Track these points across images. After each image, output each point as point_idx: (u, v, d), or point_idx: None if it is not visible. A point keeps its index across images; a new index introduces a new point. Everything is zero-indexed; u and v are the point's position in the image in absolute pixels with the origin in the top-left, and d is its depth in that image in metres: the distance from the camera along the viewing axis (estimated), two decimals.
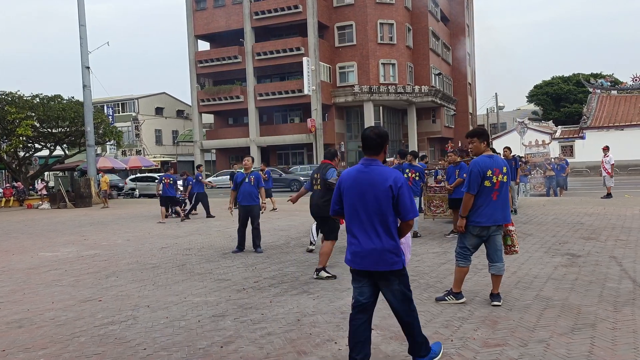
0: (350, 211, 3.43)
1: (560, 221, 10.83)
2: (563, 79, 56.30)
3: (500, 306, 4.90)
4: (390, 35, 39.84)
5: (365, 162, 3.44)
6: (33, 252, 9.71)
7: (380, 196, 3.31)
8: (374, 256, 3.33)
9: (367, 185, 3.35)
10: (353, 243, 3.42)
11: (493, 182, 4.80)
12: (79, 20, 24.48)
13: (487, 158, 4.87)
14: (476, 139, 4.94)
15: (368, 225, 3.35)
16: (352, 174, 3.46)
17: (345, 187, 3.46)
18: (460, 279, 5.05)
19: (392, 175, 3.35)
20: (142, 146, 48.37)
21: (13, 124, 25.00)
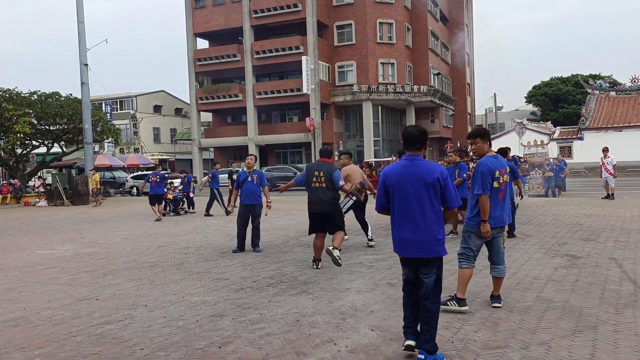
0: (399, 204, 3.71)
1: (560, 222, 10.81)
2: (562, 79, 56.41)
3: (500, 308, 4.87)
4: (389, 35, 39.80)
5: (409, 157, 3.76)
6: (30, 250, 9.65)
7: (428, 188, 3.64)
8: (423, 244, 3.65)
9: (415, 178, 3.66)
10: (403, 233, 3.71)
11: (500, 183, 4.78)
12: (78, 18, 24.37)
13: (492, 158, 4.83)
14: (479, 140, 4.86)
15: (417, 216, 3.66)
16: (398, 169, 3.76)
17: (393, 182, 3.74)
18: (464, 282, 4.83)
19: (438, 168, 3.71)
20: (140, 144, 48.27)
21: (10, 120, 24.88)
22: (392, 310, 4.94)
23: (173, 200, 16.20)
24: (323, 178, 6.80)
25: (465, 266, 4.84)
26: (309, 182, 6.90)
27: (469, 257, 4.84)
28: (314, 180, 6.84)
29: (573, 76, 55.30)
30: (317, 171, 6.86)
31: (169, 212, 16.04)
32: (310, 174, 6.92)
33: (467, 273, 4.82)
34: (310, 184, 6.89)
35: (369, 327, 4.49)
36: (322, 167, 6.88)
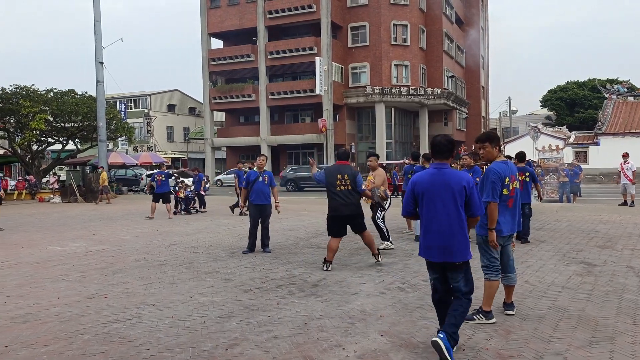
0: (427, 210, 3.89)
1: (574, 228, 10.62)
2: (578, 84, 55.69)
3: (513, 315, 4.75)
4: (403, 37, 39.62)
5: (437, 166, 3.93)
6: (42, 246, 9.71)
7: (455, 196, 3.81)
8: (450, 249, 3.80)
9: (443, 186, 3.83)
10: (430, 238, 3.88)
11: (510, 190, 4.63)
12: (94, 16, 24.60)
13: (502, 164, 4.63)
14: (488, 144, 4.62)
15: (444, 222, 3.82)
16: (427, 177, 3.93)
17: (422, 189, 3.91)
18: (491, 295, 4.61)
19: (465, 177, 3.88)
20: (153, 142, 48.61)
21: (27, 117, 25.20)
22: (402, 316, 4.85)
23: (185, 199, 16.24)
24: (348, 181, 6.78)
25: (493, 278, 4.59)
26: (332, 185, 6.81)
27: (496, 268, 4.60)
28: (338, 183, 6.77)
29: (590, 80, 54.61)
30: (340, 174, 6.80)
31: (180, 210, 16.08)
32: (333, 177, 6.82)
33: (495, 285, 4.60)
34: (333, 187, 6.80)
35: (378, 332, 4.41)
36: (345, 170, 6.86)
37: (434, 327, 4.50)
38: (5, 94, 26.05)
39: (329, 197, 6.89)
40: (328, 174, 6.92)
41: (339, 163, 7.02)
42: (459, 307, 3.84)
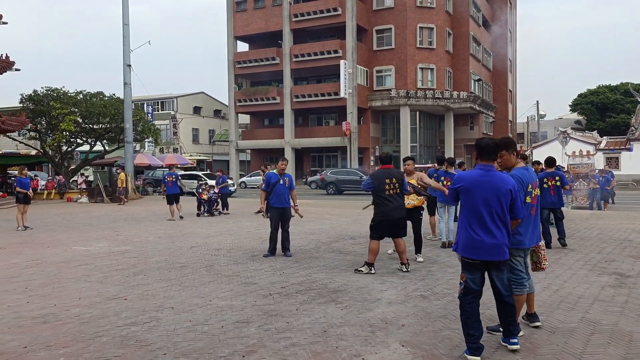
0: (472, 210, 3.95)
1: (606, 237, 10.24)
2: (610, 87, 54.27)
3: (540, 327, 4.54)
4: (429, 40, 39.23)
5: (484, 167, 4.01)
6: (67, 246, 9.84)
7: (501, 198, 3.90)
8: (494, 249, 3.90)
9: (490, 188, 3.92)
10: (475, 238, 3.93)
11: (532, 197, 4.42)
12: (123, 19, 25.02)
13: (524, 171, 4.41)
14: (505, 152, 4.31)
15: (489, 223, 3.90)
16: (475, 176, 4.00)
17: (466, 187, 3.99)
18: (518, 309, 4.36)
19: (510, 181, 4.00)
20: (179, 144, 49.20)
21: (57, 119, 25.78)
22: (424, 325, 4.70)
23: (207, 200, 16.31)
24: (397, 184, 6.93)
25: (518, 292, 4.35)
26: (381, 190, 6.89)
27: (521, 281, 4.36)
28: (387, 188, 6.89)
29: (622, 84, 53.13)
30: (389, 179, 6.92)
31: (204, 212, 16.16)
32: (382, 182, 6.92)
33: (520, 299, 4.38)
34: (382, 192, 6.89)
35: (399, 342, 4.27)
36: (393, 174, 7.02)
37: (457, 337, 4.35)
38: (37, 96, 26.71)
39: (378, 202, 6.98)
40: (376, 179, 7.00)
41: (384, 167, 7.13)
42: (512, 311, 4.03)
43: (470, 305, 3.96)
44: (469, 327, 3.92)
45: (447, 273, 6.98)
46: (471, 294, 3.97)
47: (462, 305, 3.98)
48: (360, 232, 11.33)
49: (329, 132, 39.18)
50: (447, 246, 9.02)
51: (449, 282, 6.41)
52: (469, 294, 3.97)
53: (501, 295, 4.01)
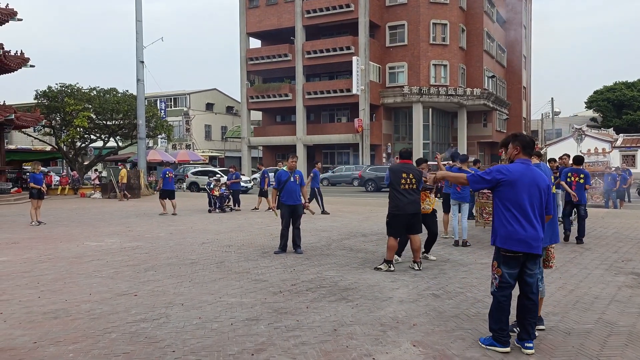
0: (516, 203, 3.98)
1: (622, 236, 10.05)
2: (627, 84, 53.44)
3: (544, 330, 4.40)
4: (443, 36, 38.89)
5: (525, 161, 4.08)
6: (79, 241, 9.90)
7: (541, 191, 4.01)
8: (535, 241, 3.96)
9: (534, 182, 4.00)
10: (518, 231, 3.95)
11: None
12: (136, 16, 25.14)
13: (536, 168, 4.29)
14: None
15: (532, 216, 3.96)
16: (520, 171, 4.01)
17: (514, 181, 3.99)
18: None
19: (547, 176, 4.19)
20: (191, 141, 49.42)
21: (71, 115, 26.02)
22: (436, 325, 4.62)
23: (219, 197, 16.34)
24: (414, 180, 6.88)
25: None
26: (397, 183, 6.85)
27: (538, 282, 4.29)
28: (403, 182, 6.84)
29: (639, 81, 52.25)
30: (406, 173, 6.87)
31: (215, 209, 16.20)
32: (398, 175, 6.87)
33: None
34: (398, 185, 6.84)
35: (410, 342, 4.20)
36: (410, 169, 6.96)
37: (470, 338, 4.27)
38: (52, 92, 26.97)
39: (392, 196, 6.91)
40: (393, 172, 6.97)
41: (403, 162, 7.10)
42: (535, 310, 4.05)
43: (507, 300, 4.01)
44: (502, 322, 3.99)
45: (460, 272, 6.88)
46: (508, 288, 4.00)
47: (499, 300, 4.00)
48: (372, 229, 11.24)
49: (341, 129, 39.07)
50: (459, 245, 8.91)
51: (461, 281, 6.32)
52: (506, 289, 4.00)
53: (530, 292, 4.01)
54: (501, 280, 4.00)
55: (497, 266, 4.00)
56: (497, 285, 3.99)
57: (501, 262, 4.00)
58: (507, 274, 3.99)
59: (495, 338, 4.00)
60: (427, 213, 7.68)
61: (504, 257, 3.99)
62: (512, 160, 4.22)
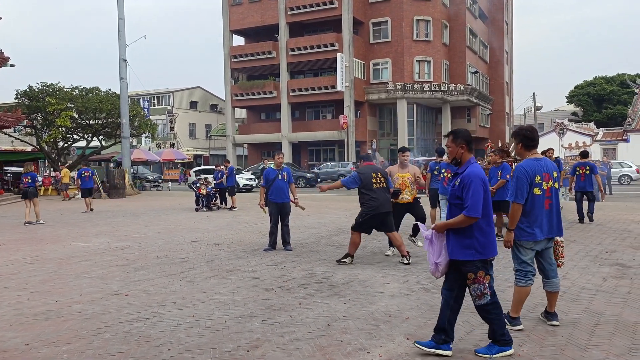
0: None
1: (606, 228, 10.26)
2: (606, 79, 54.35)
3: (559, 326, 4.40)
4: (426, 32, 39.11)
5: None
6: (66, 242, 9.80)
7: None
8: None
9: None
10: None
11: (544, 189, 4.24)
12: (118, 14, 24.85)
13: (534, 161, 4.29)
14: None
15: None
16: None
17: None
18: (520, 301, 4.34)
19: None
20: (176, 139, 49.05)
21: (53, 114, 25.65)
22: (428, 318, 4.68)
23: (206, 195, 16.27)
24: (383, 179, 7.15)
25: (521, 284, 4.30)
26: (370, 185, 7.02)
27: (526, 273, 4.31)
28: (375, 182, 7.05)
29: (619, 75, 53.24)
30: (375, 173, 7.13)
31: (202, 207, 16.12)
32: (369, 177, 7.06)
33: (524, 291, 4.31)
34: (372, 186, 7.02)
35: (404, 335, 4.25)
36: (378, 169, 7.33)
37: (461, 330, 4.34)
38: (33, 92, 26.56)
39: (368, 198, 7.03)
40: (363, 174, 7.11)
41: (367, 164, 7.42)
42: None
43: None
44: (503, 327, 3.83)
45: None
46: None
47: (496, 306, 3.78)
48: None
49: (326, 126, 39.10)
50: None
51: None
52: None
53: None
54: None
55: (485, 274, 3.75)
56: (490, 293, 3.76)
57: (488, 268, 3.82)
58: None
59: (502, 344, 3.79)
60: (410, 202, 7.78)
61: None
62: None
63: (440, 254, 3.84)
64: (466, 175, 3.73)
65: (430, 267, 3.93)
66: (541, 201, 4.25)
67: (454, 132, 3.95)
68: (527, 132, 4.36)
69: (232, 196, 16.62)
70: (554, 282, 4.42)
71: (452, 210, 3.83)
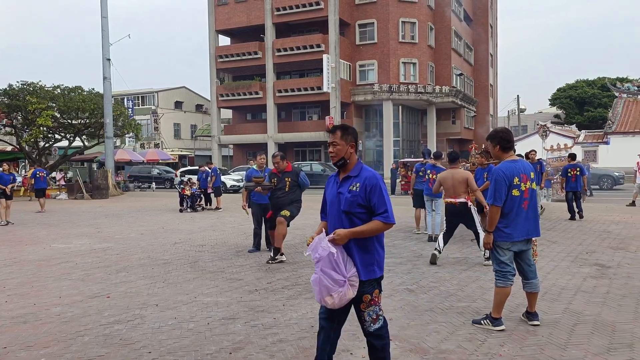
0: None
1: (586, 229, 10.41)
2: (588, 82, 55.17)
3: (539, 326, 4.45)
4: (412, 34, 39.32)
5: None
6: (46, 244, 9.64)
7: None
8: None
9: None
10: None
11: (522, 190, 4.29)
12: (101, 12, 24.56)
13: (511, 163, 4.34)
14: (489, 143, 4.43)
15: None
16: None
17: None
18: (500, 302, 4.38)
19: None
20: (160, 139, 48.61)
21: (34, 114, 25.23)
22: (411, 319, 4.70)
23: (190, 196, 16.15)
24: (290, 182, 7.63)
25: (501, 284, 4.37)
26: None
27: (506, 274, 4.36)
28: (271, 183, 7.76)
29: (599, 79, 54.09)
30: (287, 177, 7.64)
31: (187, 208, 16.00)
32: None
33: (504, 292, 4.36)
34: None
35: None
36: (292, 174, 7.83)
37: (444, 330, 4.36)
38: (12, 90, 26.10)
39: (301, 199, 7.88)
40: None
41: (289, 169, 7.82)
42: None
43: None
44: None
45: (432, 266, 7.00)
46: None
47: (387, 329, 3.23)
48: None
49: (312, 127, 39.08)
50: (433, 239, 9.04)
51: (434, 276, 6.43)
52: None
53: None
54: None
55: (380, 292, 3.18)
56: (382, 314, 3.19)
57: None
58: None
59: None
60: None
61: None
62: None
63: (351, 264, 3.04)
64: (369, 178, 3.09)
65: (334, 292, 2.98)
66: (519, 202, 4.31)
67: (344, 127, 3.28)
68: (503, 134, 4.42)
69: (217, 197, 16.54)
70: (534, 283, 4.48)
71: (350, 223, 3.07)
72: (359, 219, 3.07)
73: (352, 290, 3.01)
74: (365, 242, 3.08)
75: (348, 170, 3.19)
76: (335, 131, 3.25)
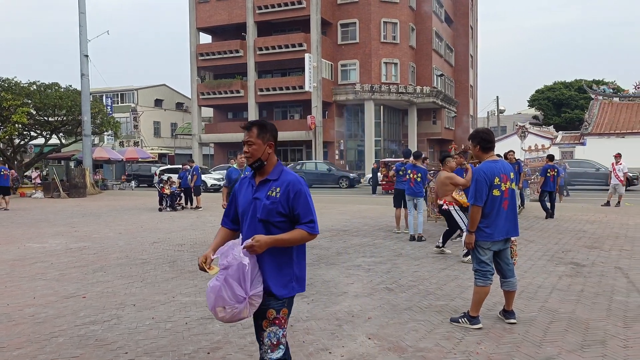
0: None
1: (562, 228, 10.60)
2: (565, 84, 56.14)
3: (516, 324, 4.50)
4: (393, 35, 39.54)
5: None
6: (20, 243, 9.44)
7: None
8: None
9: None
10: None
11: (502, 190, 4.34)
12: (79, 8, 24.14)
13: (491, 163, 4.39)
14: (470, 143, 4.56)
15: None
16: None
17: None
18: (479, 301, 4.41)
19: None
20: (140, 138, 47.99)
21: (8, 110, 24.65)
22: (390, 318, 4.72)
23: (170, 195, 15.99)
24: None
25: (480, 284, 4.40)
26: None
27: (485, 273, 4.40)
28: None
29: (577, 81, 55.08)
30: None
31: (166, 207, 15.83)
32: None
33: (481, 291, 4.40)
34: None
35: (366, 335, 4.27)
36: None
37: (423, 329, 4.40)
38: None
39: None
40: None
41: None
42: None
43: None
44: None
45: (412, 266, 7.05)
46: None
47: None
48: (325, 225, 11.32)
49: (294, 126, 39.00)
50: (415, 239, 9.10)
51: (413, 275, 6.48)
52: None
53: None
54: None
55: (289, 312, 2.81)
56: (286, 342, 2.78)
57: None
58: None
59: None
60: None
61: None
62: None
63: (259, 281, 2.65)
64: (292, 182, 2.71)
65: (229, 307, 2.63)
66: (500, 202, 4.36)
67: (260, 124, 2.90)
68: (484, 134, 4.46)
69: (197, 196, 16.40)
70: (511, 282, 4.53)
71: (267, 233, 2.65)
72: (278, 228, 2.67)
73: (248, 309, 2.64)
74: (284, 253, 2.70)
75: (266, 173, 2.78)
76: (250, 128, 2.85)
